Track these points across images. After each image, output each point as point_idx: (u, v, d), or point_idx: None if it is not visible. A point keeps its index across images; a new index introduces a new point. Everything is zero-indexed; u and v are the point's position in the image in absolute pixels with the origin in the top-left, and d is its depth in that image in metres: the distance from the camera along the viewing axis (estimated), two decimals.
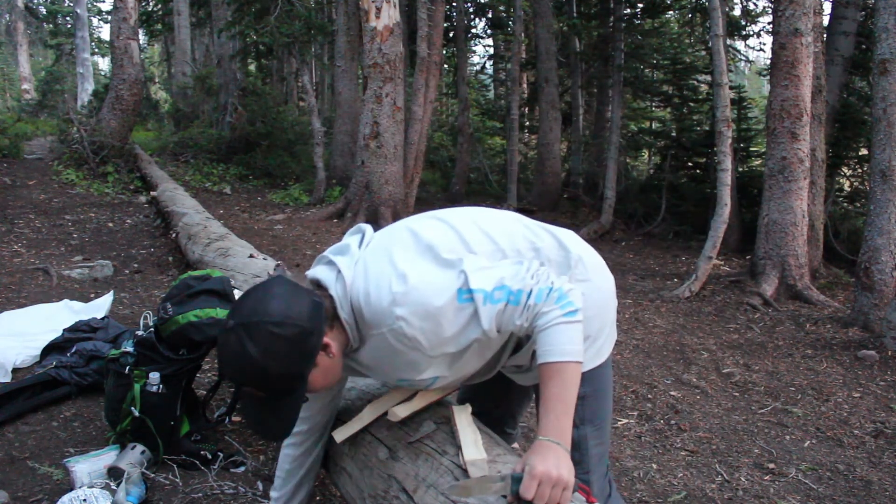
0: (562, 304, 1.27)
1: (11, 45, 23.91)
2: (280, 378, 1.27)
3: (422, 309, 1.27)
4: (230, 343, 1.26)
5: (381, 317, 1.29)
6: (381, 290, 1.29)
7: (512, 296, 1.28)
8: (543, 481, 1.17)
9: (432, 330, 1.28)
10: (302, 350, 1.27)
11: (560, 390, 1.26)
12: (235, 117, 12.22)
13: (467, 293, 1.28)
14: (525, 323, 1.29)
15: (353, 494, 1.55)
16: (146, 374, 2.37)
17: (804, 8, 5.98)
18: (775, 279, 6.11)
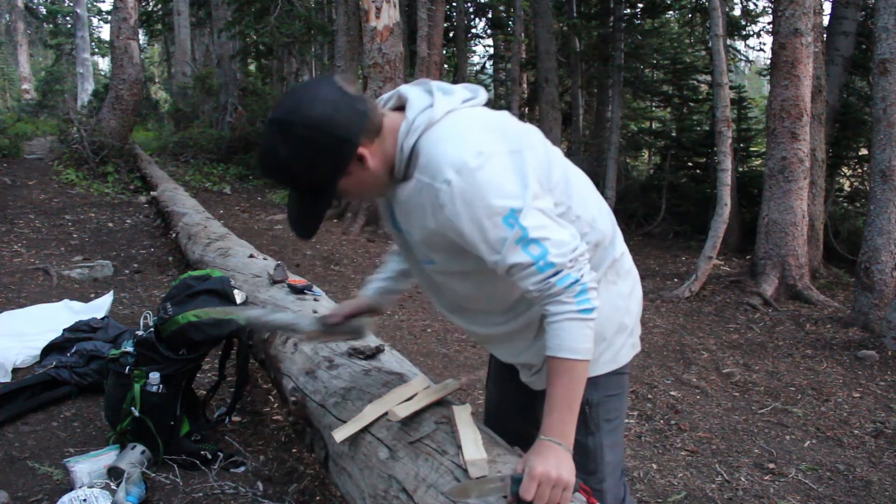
0: (579, 300, 1.23)
1: (11, 45, 23.90)
2: (307, 182, 1.25)
3: (471, 194, 1.18)
4: (265, 137, 1.26)
5: (433, 168, 1.21)
6: (454, 148, 1.22)
7: (543, 261, 1.21)
8: (543, 482, 1.16)
9: (461, 215, 1.20)
10: (333, 159, 1.23)
11: (565, 389, 1.24)
12: (235, 117, 12.22)
13: (514, 220, 1.19)
14: (535, 294, 1.24)
15: (353, 494, 1.55)
16: (146, 374, 2.37)
17: (804, 8, 5.99)
18: (775, 279, 6.11)
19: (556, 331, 1.24)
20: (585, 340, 1.24)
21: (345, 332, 1.74)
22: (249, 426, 2.84)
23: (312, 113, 1.19)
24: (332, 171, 1.24)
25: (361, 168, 1.26)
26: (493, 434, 1.44)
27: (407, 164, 1.27)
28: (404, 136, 1.26)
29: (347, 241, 7.54)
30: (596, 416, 1.44)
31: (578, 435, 1.42)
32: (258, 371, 3.23)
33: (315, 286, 2.90)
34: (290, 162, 1.22)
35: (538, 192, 1.24)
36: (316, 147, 1.20)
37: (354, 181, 1.28)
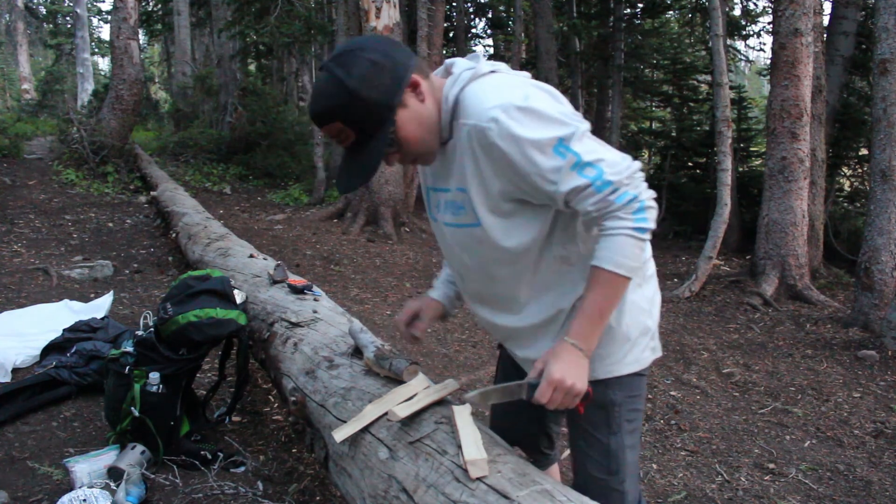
0: (637, 218, 1.24)
1: (11, 45, 23.90)
2: (371, 105, 1.24)
3: (519, 129, 1.20)
4: (321, 80, 1.27)
5: (479, 110, 1.24)
6: (499, 92, 1.25)
7: (600, 181, 1.22)
8: (558, 387, 1.25)
9: (512, 152, 1.22)
10: (395, 77, 1.25)
11: (601, 299, 1.27)
12: (235, 117, 12.22)
13: (564, 148, 1.22)
14: (594, 213, 1.25)
15: (353, 494, 1.55)
16: (146, 374, 2.37)
17: (804, 8, 5.98)
18: (775, 279, 6.11)
19: (608, 243, 1.25)
20: (634, 259, 1.26)
21: (388, 369, 1.74)
22: (249, 426, 2.84)
23: (365, 44, 1.27)
24: (393, 88, 1.25)
25: (416, 98, 1.28)
26: (493, 434, 1.44)
27: (452, 116, 1.30)
28: (450, 87, 1.31)
29: (347, 241, 7.54)
30: (619, 416, 1.45)
31: (600, 434, 1.46)
32: (258, 371, 3.23)
33: (315, 286, 2.90)
34: (353, 83, 1.22)
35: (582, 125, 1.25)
36: (376, 66, 1.23)
37: (410, 116, 1.28)
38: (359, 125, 1.26)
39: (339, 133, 1.28)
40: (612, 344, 1.43)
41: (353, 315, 2.68)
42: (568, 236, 1.36)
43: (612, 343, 1.42)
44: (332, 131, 1.28)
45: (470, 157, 1.28)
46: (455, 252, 1.46)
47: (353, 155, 1.31)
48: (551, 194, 1.25)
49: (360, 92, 1.22)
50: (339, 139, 1.30)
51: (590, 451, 1.47)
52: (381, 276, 6.18)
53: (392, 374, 1.72)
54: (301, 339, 2.29)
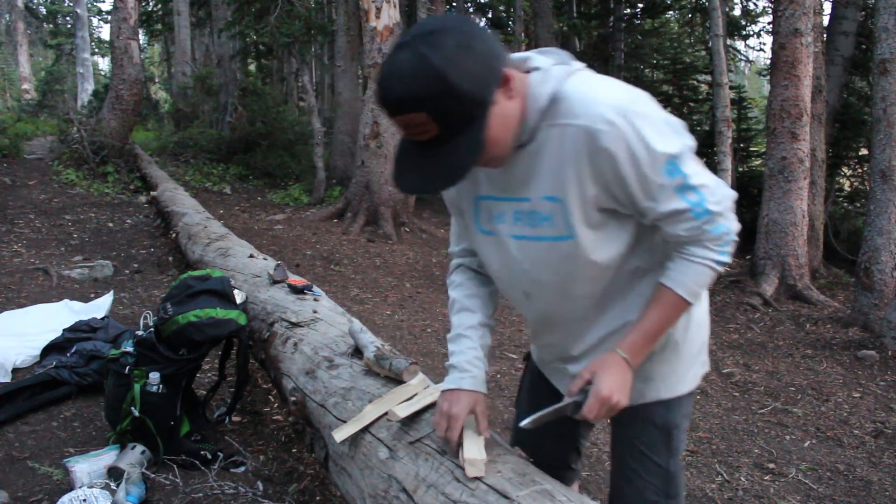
0: (721, 251, 1.20)
1: (11, 45, 23.91)
2: (463, 99, 1.05)
3: (635, 138, 1.10)
4: (402, 59, 1.05)
5: (589, 109, 1.11)
6: (610, 92, 1.14)
7: (700, 209, 1.15)
8: (604, 404, 1.21)
9: (623, 160, 1.11)
10: (490, 68, 1.08)
11: (661, 319, 1.24)
12: (235, 117, 12.22)
13: (674, 166, 1.13)
14: (684, 238, 1.19)
15: (353, 494, 1.55)
16: (146, 374, 2.37)
17: (804, 8, 5.99)
18: (775, 279, 6.11)
19: (687, 268, 1.21)
20: (703, 287, 1.24)
21: (388, 369, 1.72)
22: (249, 426, 2.84)
23: (454, 25, 1.08)
24: (488, 81, 1.08)
25: (506, 96, 1.12)
26: (494, 435, 1.44)
27: (542, 116, 1.16)
28: (539, 84, 1.15)
29: (347, 241, 7.54)
30: (677, 438, 1.41)
31: (659, 458, 1.40)
32: (258, 371, 3.23)
33: (315, 286, 2.90)
34: (446, 68, 1.02)
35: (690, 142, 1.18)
36: (471, 52, 1.05)
37: (499, 114, 1.11)
38: (447, 120, 1.07)
39: (419, 125, 1.08)
40: (678, 361, 1.38)
41: (353, 315, 2.68)
42: (646, 249, 1.28)
43: (678, 360, 1.38)
44: (410, 121, 1.08)
45: (572, 162, 1.14)
46: (523, 268, 1.30)
47: (432, 152, 1.11)
48: (645, 210, 1.18)
49: (456, 82, 1.04)
50: (415, 132, 1.10)
51: (646, 475, 1.40)
52: (381, 276, 6.18)
53: (392, 374, 1.71)
54: (301, 339, 2.29)
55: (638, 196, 1.16)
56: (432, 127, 1.08)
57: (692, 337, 1.39)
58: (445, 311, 5.21)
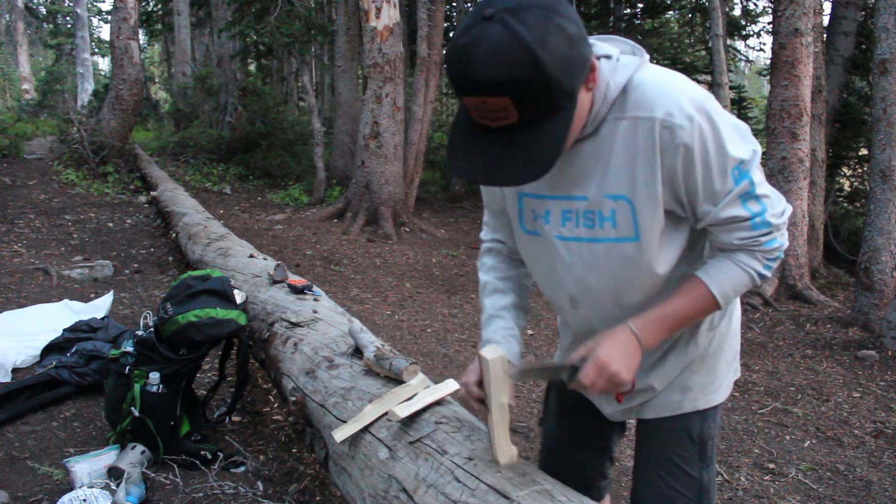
0: (767, 265, 1.16)
1: (11, 45, 23.92)
2: (553, 86, 0.94)
3: (711, 137, 1.05)
4: (491, 34, 0.91)
5: (666, 102, 1.04)
6: (687, 86, 1.07)
7: (760, 219, 1.11)
8: (601, 371, 1.13)
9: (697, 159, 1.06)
10: (580, 54, 0.97)
11: (687, 310, 1.17)
12: (235, 117, 12.22)
13: (741, 172, 1.08)
14: (734, 246, 1.14)
15: (353, 494, 1.55)
16: (146, 374, 2.37)
17: (804, 8, 5.99)
18: (775, 279, 6.11)
19: (729, 270, 1.16)
20: (736, 294, 1.19)
21: (387, 369, 1.71)
22: (249, 426, 2.84)
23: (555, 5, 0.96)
24: (579, 67, 0.98)
25: (587, 86, 1.04)
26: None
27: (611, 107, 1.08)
28: (609, 73, 1.08)
29: (347, 241, 7.54)
30: (711, 449, 1.37)
31: (692, 469, 1.34)
32: (258, 371, 3.23)
33: (315, 286, 2.90)
34: (537, 46, 0.91)
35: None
36: (564, 33, 0.94)
37: (580, 106, 1.04)
38: (531, 108, 0.96)
39: (498, 111, 0.96)
40: (717, 370, 1.35)
41: (353, 315, 2.68)
42: (696, 255, 1.24)
43: (716, 370, 1.35)
44: (488, 105, 0.96)
45: (644, 158, 1.07)
46: (573, 273, 1.22)
47: (504, 140, 1.00)
48: (702, 214, 1.13)
49: (549, 68, 0.92)
50: (490, 116, 0.98)
51: (680, 487, 1.34)
52: (381, 276, 6.18)
53: (392, 374, 1.71)
54: (301, 339, 2.29)
55: (700, 197, 1.10)
56: (512, 114, 0.97)
57: (730, 346, 1.37)
58: (445, 311, 5.21)
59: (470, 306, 5.43)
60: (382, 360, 1.75)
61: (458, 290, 5.99)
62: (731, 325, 1.36)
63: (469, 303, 5.54)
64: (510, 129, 0.99)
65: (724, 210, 1.10)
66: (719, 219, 1.11)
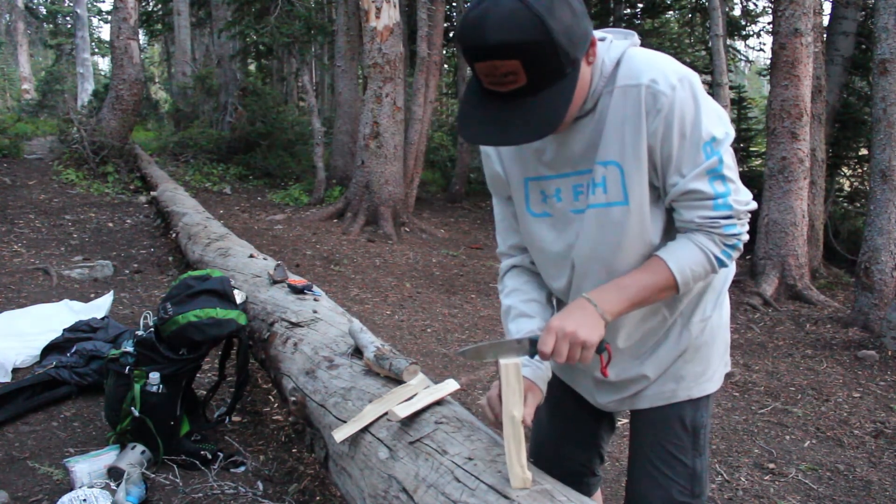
0: (725, 251, 1.19)
1: (11, 45, 23.91)
2: (560, 53, 1.04)
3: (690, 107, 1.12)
4: (499, 3, 1.01)
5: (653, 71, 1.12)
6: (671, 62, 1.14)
7: (722, 200, 1.15)
8: (559, 337, 1.13)
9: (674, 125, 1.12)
10: (582, 27, 1.07)
11: (646, 283, 1.19)
12: (235, 117, 12.22)
13: (712, 149, 1.14)
14: (694, 225, 1.18)
15: (353, 494, 1.55)
16: (146, 374, 2.37)
17: (804, 8, 5.99)
18: (775, 279, 6.11)
19: (687, 248, 1.18)
20: (694, 277, 1.20)
21: (387, 369, 1.71)
22: (249, 426, 2.84)
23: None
24: (582, 39, 1.08)
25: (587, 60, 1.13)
26: (493, 434, 1.44)
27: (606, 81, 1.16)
28: (606, 50, 1.17)
29: (347, 241, 7.54)
30: (704, 438, 1.40)
31: (686, 458, 1.38)
32: (258, 371, 3.23)
33: (315, 286, 2.90)
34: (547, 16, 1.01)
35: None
36: (570, 8, 1.05)
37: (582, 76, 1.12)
38: (540, 71, 1.04)
39: (507, 74, 1.04)
40: (709, 360, 1.38)
41: (353, 315, 2.68)
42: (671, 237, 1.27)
43: (709, 359, 1.38)
44: (499, 69, 1.04)
45: (631, 123, 1.14)
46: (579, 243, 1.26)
47: (512, 103, 1.08)
48: (669, 185, 1.17)
49: (556, 33, 1.02)
50: (499, 80, 1.06)
51: (673, 475, 1.38)
52: (381, 276, 6.18)
53: (392, 374, 1.71)
54: (301, 339, 2.29)
55: (672, 167, 1.16)
56: (521, 77, 1.05)
57: (721, 337, 1.40)
58: (445, 311, 5.21)
59: (470, 306, 5.43)
60: (382, 360, 1.75)
61: (458, 290, 5.99)
62: (722, 317, 1.40)
63: (469, 303, 5.54)
64: (520, 93, 1.07)
65: (690, 182, 1.15)
66: (685, 190, 1.16)
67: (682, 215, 1.19)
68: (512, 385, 1.14)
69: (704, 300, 1.35)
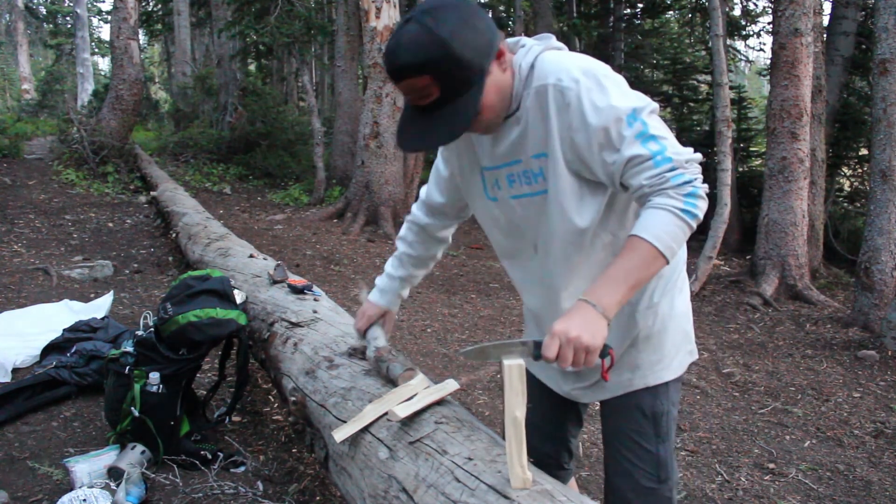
0: (686, 201, 1.20)
1: (11, 45, 23.92)
2: (463, 65, 1.19)
3: (597, 93, 1.21)
4: (408, 30, 1.18)
5: (559, 70, 1.25)
6: (577, 59, 1.27)
7: (660, 156, 1.20)
8: (563, 342, 1.16)
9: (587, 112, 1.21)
10: (487, 41, 1.22)
11: (629, 265, 1.21)
12: (235, 117, 12.23)
13: (634, 118, 1.21)
14: (647, 188, 1.22)
15: (353, 494, 1.55)
16: (146, 374, 2.37)
17: (804, 8, 5.99)
18: (775, 279, 6.11)
19: (651, 216, 1.21)
20: (674, 239, 1.21)
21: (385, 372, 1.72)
22: (249, 426, 2.84)
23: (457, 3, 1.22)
24: (486, 52, 1.22)
25: (500, 68, 1.26)
26: (493, 434, 1.44)
27: (524, 84, 1.29)
28: (523, 56, 1.30)
29: (347, 241, 7.54)
30: (667, 424, 1.45)
31: (649, 444, 1.44)
32: (258, 371, 3.23)
33: (315, 286, 2.90)
34: (449, 39, 1.17)
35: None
36: (471, 27, 1.20)
37: (493, 83, 1.25)
38: (448, 83, 1.20)
39: (423, 89, 1.21)
40: (663, 348, 1.43)
41: (352, 315, 2.67)
42: (619, 222, 1.35)
43: (661, 348, 1.43)
44: (414, 86, 1.21)
45: (549, 119, 1.26)
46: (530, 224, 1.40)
47: (432, 114, 1.24)
48: (609, 165, 1.23)
49: (455, 49, 1.17)
50: (419, 95, 1.22)
51: (638, 462, 1.44)
52: None
53: (388, 377, 1.71)
54: (301, 339, 2.29)
55: (603, 150, 1.23)
56: (434, 90, 1.20)
57: (676, 326, 1.45)
58: (446, 310, 5.22)
59: (470, 306, 5.43)
60: (381, 361, 1.75)
61: (458, 290, 5.99)
62: (675, 306, 1.45)
63: (469, 303, 5.54)
64: (435, 105, 1.23)
65: (625, 150, 1.21)
66: (624, 160, 1.22)
67: (632, 185, 1.24)
68: (514, 386, 1.14)
69: (650, 287, 1.40)
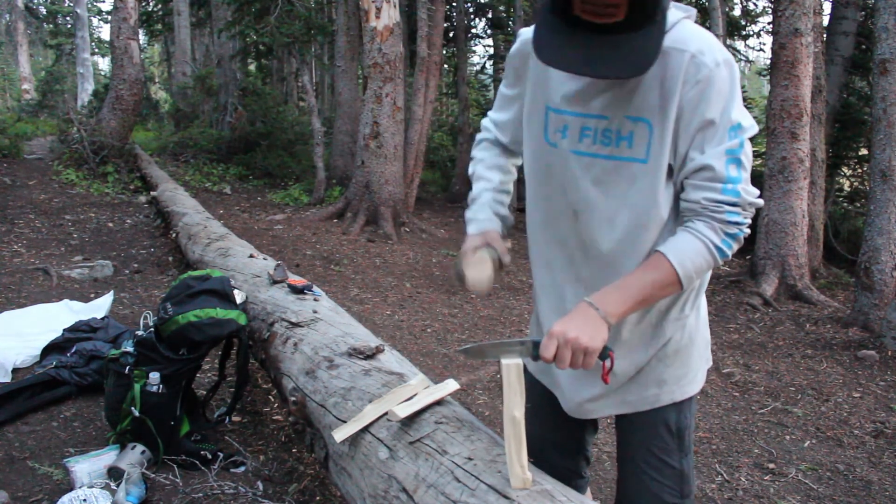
0: (725, 240, 1.18)
1: (11, 45, 23.91)
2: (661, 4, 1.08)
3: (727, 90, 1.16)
4: None
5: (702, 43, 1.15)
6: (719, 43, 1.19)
7: (731, 185, 1.15)
8: (560, 343, 1.14)
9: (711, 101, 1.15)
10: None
11: (645, 280, 1.18)
12: (235, 117, 12.22)
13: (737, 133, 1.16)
14: (698, 207, 1.18)
15: (353, 494, 1.55)
16: (146, 374, 2.37)
17: (804, 8, 5.98)
18: (775, 279, 6.11)
19: (687, 241, 1.18)
20: (696, 270, 1.19)
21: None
22: (249, 426, 2.84)
23: None
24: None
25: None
26: (493, 434, 1.44)
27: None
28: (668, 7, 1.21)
29: (347, 241, 7.54)
30: (689, 438, 1.41)
31: (672, 460, 1.39)
32: (258, 371, 3.23)
33: (315, 286, 2.90)
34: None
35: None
36: None
37: None
38: (641, 9, 1.06)
39: (610, 6, 1.04)
40: (690, 362, 1.39)
41: (352, 315, 2.68)
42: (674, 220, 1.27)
43: (689, 361, 1.38)
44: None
45: (669, 86, 1.15)
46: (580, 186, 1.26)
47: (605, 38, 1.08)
48: (687, 160, 1.18)
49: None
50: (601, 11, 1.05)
51: (662, 479, 1.39)
52: (381, 276, 6.18)
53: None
54: (301, 339, 2.29)
55: (695, 140, 1.17)
56: (622, 11, 1.05)
57: (701, 336, 1.40)
58: (446, 310, 5.21)
59: (470, 306, 5.43)
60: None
61: (458, 289, 5.99)
62: (700, 315, 1.39)
63: (469, 303, 5.54)
64: (614, 28, 1.07)
65: (708, 158, 1.16)
66: (701, 165, 1.17)
67: (688, 195, 1.20)
68: (513, 385, 1.14)
69: (682, 298, 1.33)
